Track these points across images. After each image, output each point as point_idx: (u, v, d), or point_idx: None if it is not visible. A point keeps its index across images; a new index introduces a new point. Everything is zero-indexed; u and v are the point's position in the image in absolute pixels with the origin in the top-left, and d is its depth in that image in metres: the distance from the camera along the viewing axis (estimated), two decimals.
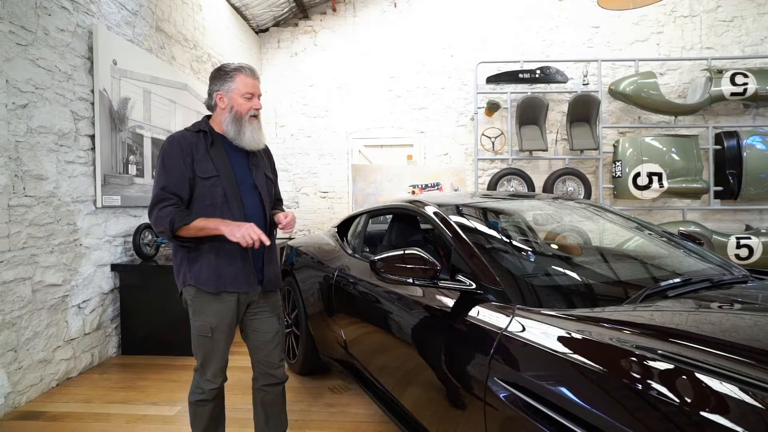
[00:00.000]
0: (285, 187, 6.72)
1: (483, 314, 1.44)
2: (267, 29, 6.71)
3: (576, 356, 1.09)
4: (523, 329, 1.27)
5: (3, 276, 2.54)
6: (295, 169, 6.72)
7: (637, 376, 0.98)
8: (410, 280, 1.61)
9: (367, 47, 6.50)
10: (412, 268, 1.60)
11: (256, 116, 1.78)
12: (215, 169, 1.70)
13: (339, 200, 6.66)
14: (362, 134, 6.60)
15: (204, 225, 1.62)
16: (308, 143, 6.68)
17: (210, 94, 1.78)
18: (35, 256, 2.75)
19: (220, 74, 1.76)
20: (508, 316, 1.36)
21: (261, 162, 1.88)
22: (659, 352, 1.01)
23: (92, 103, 3.23)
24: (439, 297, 1.69)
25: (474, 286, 1.57)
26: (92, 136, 3.23)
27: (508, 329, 1.30)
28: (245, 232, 1.58)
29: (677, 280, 1.54)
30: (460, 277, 1.64)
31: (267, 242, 1.62)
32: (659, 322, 1.24)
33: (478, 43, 6.29)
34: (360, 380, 2.37)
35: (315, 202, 6.70)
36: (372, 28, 6.49)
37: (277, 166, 6.78)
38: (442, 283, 1.61)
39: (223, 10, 5.48)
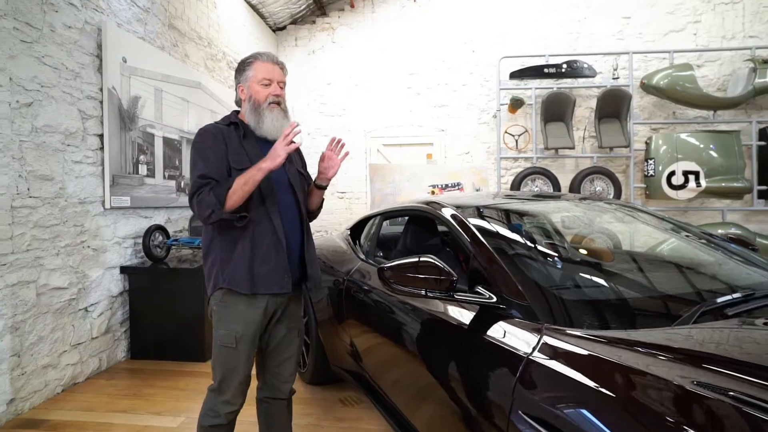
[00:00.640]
0: None
1: (505, 333, 1.25)
2: (284, 27, 6.62)
3: (622, 393, 0.89)
4: (554, 355, 1.07)
5: (6, 279, 2.47)
6: (312, 169, 6.57)
7: (700, 422, 0.78)
8: (423, 292, 1.42)
9: (385, 43, 6.33)
10: (425, 278, 1.42)
11: (277, 103, 1.65)
12: (249, 161, 1.58)
13: (357, 200, 6.52)
14: (380, 133, 6.43)
15: (246, 177, 1.50)
16: (325, 142, 6.53)
17: (235, 89, 1.72)
18: (40, 259, 2.68)
19: (240, 66, 1.70)
20: (535, 336, 1.16)
21: (294, 157, 1.78)
22: (730, 393, 0.80)
23: (101, 102, 3.15)
24: (456, 310, 1.50)
25: (495, 299, 1.38)
26: (101, 136, 3.16)
27: (536, 354, 1.10)
28: (280, 146, 1.50)
29: (737, 295, 1.31)
30: (480, 289, 1.45)
31: (299, 129, 1.54)
32: (723, 350, 1.02)
33: (500, 38, 6.04)
34: (371, 394, 2.20)
35: (332, 203, 6.57)
36: (391, 24, 6.32)
37: None
38: (458, 296, 1.42)
39: (238, 8, 5.40)
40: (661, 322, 1.28)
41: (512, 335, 1.22)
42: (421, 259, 1.46)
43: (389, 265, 1.48)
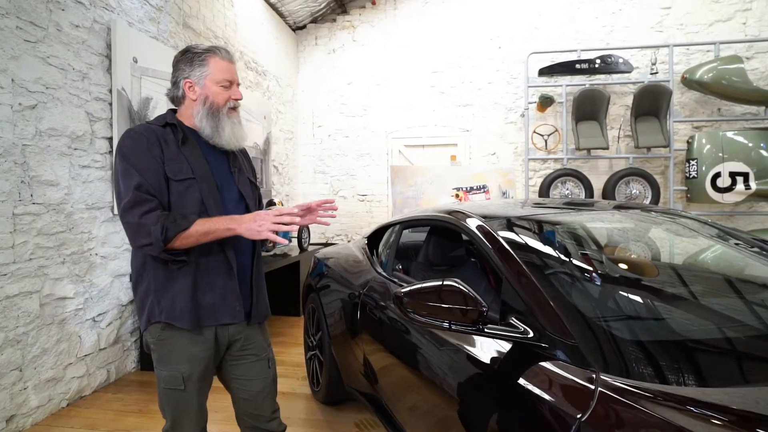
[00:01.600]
0: (322, 189, 6.46)
1: (549, 383, 1.01)
2: (304, 26, 6.48)
3: None
4: (617, 421, 0.83)
5: (6, 290, 2.36)
6: (332, 171, 6.44)
7: None
8: (446, 325, 1.20)
9: (407, 41, 6.11)
10: (449, 308, 1.20)
11: (235, 108, 1.46)
12: (191, 170, 1.35)
13: (378, 203, 6.32)
14: (402, 133, 6.21)
15: (210, 227, 1.28)
16: (346, 143, 6.38)
17: (175, 83, 1.43)
18: (44, 268, 2.57)
19: (188, 57, 1.41)
20: (588, 389, 0.92)
21: (243, 165, 1.55)
22: None
23: (110, 104, 3.04)
24: (484, 343, 1.27)
25: (532, 334, 1.15)
26: (110, 139, 3.04)
27: (590, 417, 0.86)
28: (268, 222, 1.26)
29: None
30: (514, 321, 1.21)
31: (297, 219, 1.31)
32: None
33: (528, 32, 5.74)
34: (386, 420, 1.99)
35: (353, 206, 6.39)
36: (413, 21, 6.09)
37: (314, 167, 6.53)
38: (489, 329, 1.19)
39: (257, 7, 5.27)
40: (752, 373, 1.02)
41: (557, 386, 0.99)
42: (445, 283, 1.24)
43: (406, 290, 1.26)
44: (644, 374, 0.96)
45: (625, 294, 1.34)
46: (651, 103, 5.14)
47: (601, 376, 0.94)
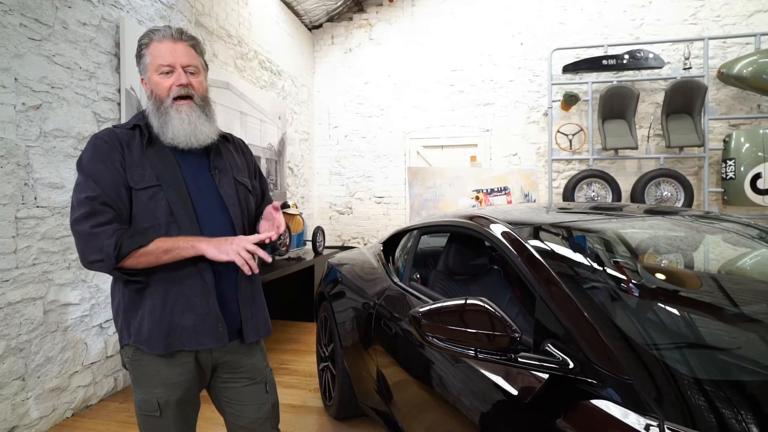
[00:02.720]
0: (338, 191, 6.33)
1: (595, 428, 0.83)
2: (320, 25, 6.36)
3: None
4: None
5: (8, 297, 2.27)
6: (348, 172, 6.31)
7: None
8: (472, 353, 1.03)
9: (426, 39, 5.94)
10: (474, 333, 1.02)
11: (187, 96, 1.22)
12: (155, 175, 1.19)
13: (395, 206, 6.16)
14: (421, 134, 6.04)
15: (172, 245, 1.14)
16: (363, 144, 6.24)
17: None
18: (48, 273, 2.48)
19: (137, 51, 1.26)
20: None
21: (229, 162, 1.35)
22: None
23: (118, 104, 2.95)
24: (512, 372, 1.10)
25: (572, 365, 0.97)
26: None
27: None
28: (238, 247, 1.15)
29: None
30: (550, 348, 1.04)
31: (268, 259, 1.19)
32: None
33: (552, 28, 5.51)
34: None
35: (369, 208, 6.24)
36: (431, 18, 5.92)
37: (330, 168, 6.40)
38: (522, 358, 1.01)
39: (272, 6, 5.17)
40: None
41: None
42: (468, 302, 1.07)
43: (424, 310, 1.10)
44: (717, 425, 0.77)
45: (694, 319, 1.13)
46: (684, 100, 4.86)
47: (667, 426, 0.76)
